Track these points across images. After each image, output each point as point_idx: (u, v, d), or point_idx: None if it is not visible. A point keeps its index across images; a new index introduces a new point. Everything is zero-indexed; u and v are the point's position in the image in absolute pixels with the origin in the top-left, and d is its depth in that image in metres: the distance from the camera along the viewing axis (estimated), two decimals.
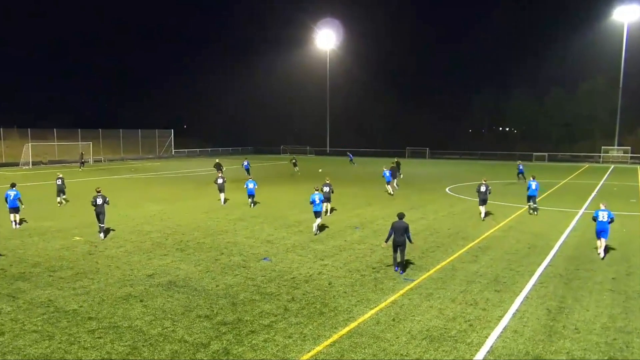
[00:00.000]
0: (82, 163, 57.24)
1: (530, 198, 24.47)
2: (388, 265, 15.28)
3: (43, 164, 58.96)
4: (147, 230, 20.43)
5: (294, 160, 52.01)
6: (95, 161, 61.14)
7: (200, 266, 15.23)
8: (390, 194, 31.66)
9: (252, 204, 27.01)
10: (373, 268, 15.12)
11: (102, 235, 19.05)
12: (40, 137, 64.63)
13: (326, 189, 24.03)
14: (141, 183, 40.35)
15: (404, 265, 14.83)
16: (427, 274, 14.60)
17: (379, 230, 20.50)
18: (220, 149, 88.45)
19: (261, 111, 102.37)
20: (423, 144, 79.70)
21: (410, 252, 16.72)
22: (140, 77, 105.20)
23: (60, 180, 28.33)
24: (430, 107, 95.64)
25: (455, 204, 28.05)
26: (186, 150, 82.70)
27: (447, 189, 35.44)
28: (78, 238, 18.97)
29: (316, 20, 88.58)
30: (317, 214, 20.02)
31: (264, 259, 16.09)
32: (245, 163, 45.02)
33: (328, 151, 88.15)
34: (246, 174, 40.16)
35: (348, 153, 69.42)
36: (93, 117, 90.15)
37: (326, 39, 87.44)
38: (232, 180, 38.15)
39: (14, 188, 21.50)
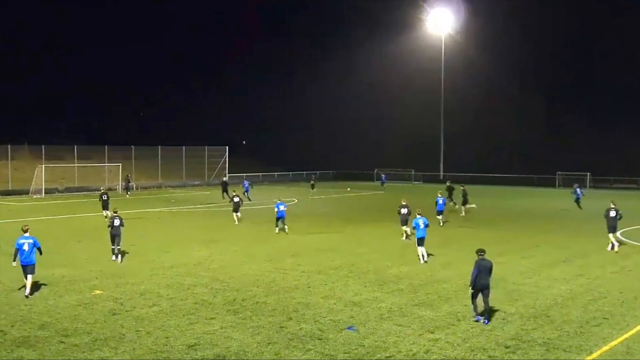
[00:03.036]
0: (128, 188, 61.00)
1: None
2: (526, 342, 14.68)
3: (58, 191, 62.40)
4: (188, 284, 20.93)
5: (312, 182, 62.34)
6: (124, 188, 63.98)
7: (259, 336, 15.33)
8: (441, 225, 36.12)
9: (285, 229, 33.32)
10: (506, 347, 14.58)
11: (118, 258, 24.56)
12: (57, 156, 68.60)
13: (404, 210, 30.20)
14: (183, 219, 41.60)
15: (489, 312, 16.48)
16: (589, 357, 13.92)
17: (515, 292, 19.85)
18: (290, 173, 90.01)
19: (347, 123, 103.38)
20: (582, 168, 76.92)
21: (562, 325, 16.00)
22: (184, 78, 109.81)
23: (105, 195, 39.39)
24: (595, 116, 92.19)
25: (631, 256, 26.87)
26: (244, 174, 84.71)
27: (617, 234, 33.87)
28: (99, 292, 19.72)
29: None
30: (421, 240, 24.60)
31: (348, 328, 15.96)
32: (246, 184, 53.17)
33: (442, 177, 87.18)
34: (246, 196, 44.32)
35: (381, 174, 77.31)
36: (123, 130, 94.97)
37: (440, 20, 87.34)
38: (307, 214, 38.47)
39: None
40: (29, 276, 19.31)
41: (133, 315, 17.06)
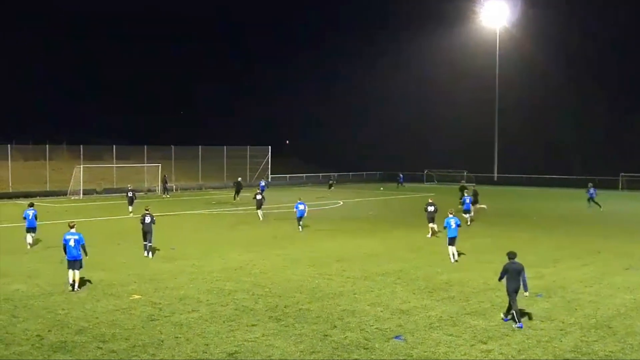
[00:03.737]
0: (167, 189, 62.02)
1: None
2: (586, 355, 14.44)
3: (97, 193, 63.42)
4: (229, 290, 21.09)
5: (331, 181, 70.29)
6: (163, 189, 64.69)
7: (302, 344, 15.37)
8: (468, 224, 37.88)
9: (301, 228, 36.04)
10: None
11: (148, 253, 26.91)
12: (95, 156, 69.77)
13: (431, 208, 33.38)
14: (224, 221, 41.96)
15: (509, 312, 17.14)
16: None
17: (575, 301, 19.53)
18: (335, 173, 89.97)
19: (395, 121, 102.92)
20: None
21: (626, 337, 15.72)
22: (225, 75, 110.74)
23: (131, 192, 45.28)
24: None
25: None
26: (287, 175, 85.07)
27: None
28: (137, 297, 20.01)
29: None
30: (452, 240, 26.16)
31: (396, 337, 15.91)
32: (262, 183, 58.09)
33: (496, 178, 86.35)
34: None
35: (399, 174, 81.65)
36: (163, 130, 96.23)
37: (495, 12, 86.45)
38: (349, 218, 38.38)
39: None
40: (76, 271, 20.88)
41: (172, 321, 17.26)
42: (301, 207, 36.08)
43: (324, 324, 17.03)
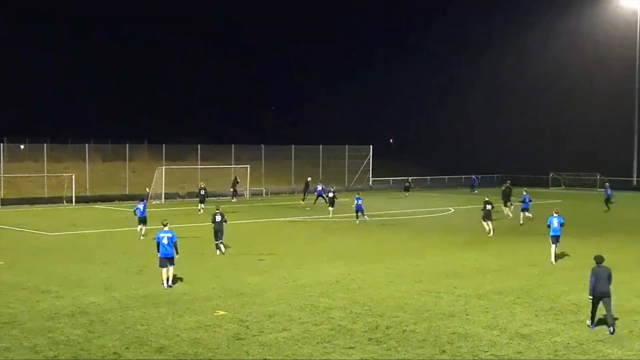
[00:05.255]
0: (235, 192, 62.33)
1: None
2: None
3: (180, 197, 64.60)
4: (324, 307, 21.18)
5: (407, 184, 72.01)
6: (254, 194, 65.23)
7: None
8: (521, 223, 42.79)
9: (358, 221, 43.35)
10: None
11: (221, 250, 30.78)
12: (179, 157, 71.15)
13: (489, 207, 38.03)
14: (318, 230, 42.25)
15: (613, 323, 17.97)
16: None
17: None
18: (446, 177, 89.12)
19: (517, 117, 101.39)
20: None
21: None
22: (323, 67, 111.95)
23: (203, 190, 52.05)
24: None
25: None
26: (391, 179, 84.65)
27: None
28: (222, 313, 20.34)
29: None
30: (554, 239, 29.10)
31: None
32: (319, 188, 59.65)
33: (635, 183, 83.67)
34: (322, 199, 54.01)
35: (473, 177, 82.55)
36: (252, 127, 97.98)
37: None
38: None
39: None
40: (171, 268, 23.93)
41: (260, 341, 17.46)
42: (359, 201, 43.79)
43: (431, 348, 16.92)
